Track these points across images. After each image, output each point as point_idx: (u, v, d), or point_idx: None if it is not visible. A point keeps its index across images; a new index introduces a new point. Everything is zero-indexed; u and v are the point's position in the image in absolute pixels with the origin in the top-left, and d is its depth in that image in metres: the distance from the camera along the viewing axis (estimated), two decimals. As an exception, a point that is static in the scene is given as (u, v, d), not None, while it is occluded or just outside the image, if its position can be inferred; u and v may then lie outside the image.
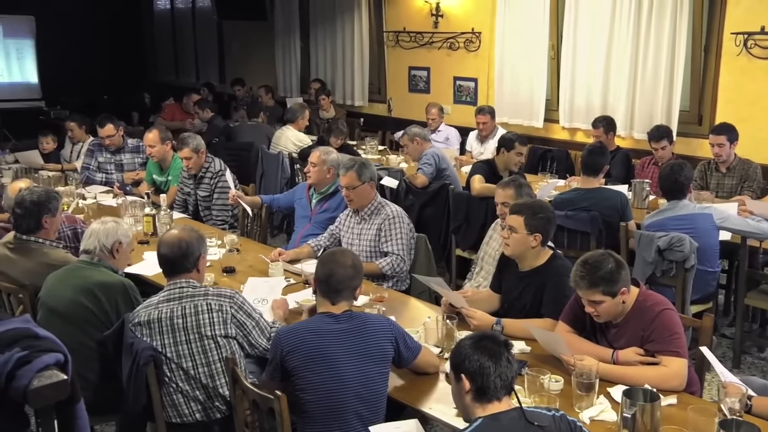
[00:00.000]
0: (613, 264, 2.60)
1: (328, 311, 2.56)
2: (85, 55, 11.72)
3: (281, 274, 3.75)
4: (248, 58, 10.88)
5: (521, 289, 3.16)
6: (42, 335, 1.68)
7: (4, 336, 1.65)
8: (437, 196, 5.35)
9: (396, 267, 3.84)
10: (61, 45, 11.39)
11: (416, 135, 5.74)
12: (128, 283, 3.10)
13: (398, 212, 3.95)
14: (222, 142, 7.54)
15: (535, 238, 3.07)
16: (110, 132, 5.83)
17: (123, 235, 3.20)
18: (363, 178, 3.92)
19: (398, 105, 8.48)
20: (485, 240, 3.94)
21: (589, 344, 2.74)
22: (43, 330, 1.73)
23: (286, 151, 6.72)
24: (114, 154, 5.93)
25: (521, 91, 7.11)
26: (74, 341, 2.45)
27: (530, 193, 3.69)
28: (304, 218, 4.54)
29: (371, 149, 7.13)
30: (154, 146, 5.32)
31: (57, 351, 1.65)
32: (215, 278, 3.65)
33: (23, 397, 1.59)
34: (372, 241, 3.93)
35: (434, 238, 4.92)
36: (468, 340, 2.08)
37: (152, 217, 4.48)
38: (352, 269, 2.61)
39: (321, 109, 8.45)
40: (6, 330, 1.67)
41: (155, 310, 2.75)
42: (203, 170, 5.02)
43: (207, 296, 2.77)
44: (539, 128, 7.05)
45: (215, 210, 5.00)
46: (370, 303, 3.32)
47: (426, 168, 5.51)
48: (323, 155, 4.44)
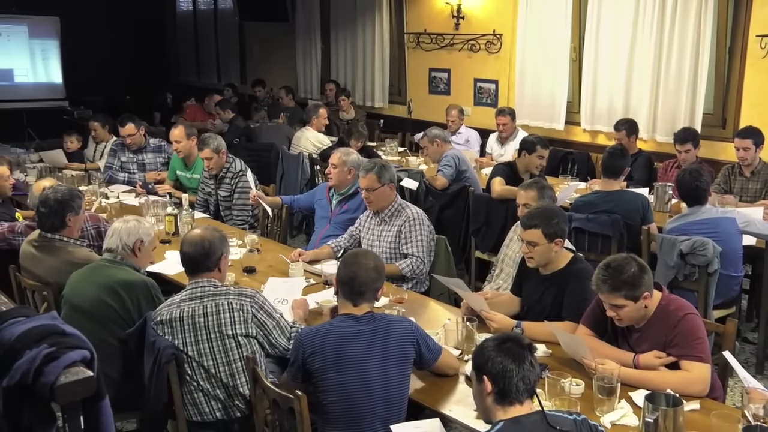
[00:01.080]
0: (636, 268, 2.58)
1: (350, 313, 2.57)
2: (108, 56, 11.86)
3: (301, 274, 3.77)
4: (269, 59, 10.94)
5: (541, 292, 3.15)
6: (69, 332, 1.70)
7: (32, 332, 1.67)
8: (457, 198, 5.35)
9: (416, 269, 3.84)
10: (84, 46, 11.53)
11: (436, 137, 5.74)
12: (150, 282, 3.13)
13: (418, 214, 3.95)
14: (243, 143, 7.59)
15: (556, 243, 3.07)
16: (131, 131, 5.89)
17: (144, 234, 3.23)
18: (383, 180, 3.93)
19: (418, 107, 8.48)
20: (505, 242, 3.93)
21: (611, 348, 2.72)
22: (69, 327, 1.75)
23: (306, 152, 6.75)
24: (136, 153, 5.99)
25: (542, 93, 7.08)
26: (97, 339, 2.47)
27: (552, 195, 3.68)
28: (324, 219, 4.56)
29: (391, 151, 7.14)
30: (180, 141, 5.37)
31: (83, 348, 1.67)
32: (236, 278, 3.68)
33: (50, 393, 1.61)
34: (392, 243, 3.94)
35: (454, 240, 4.91)
36: (492, 342, 2.07)
37: (174, 216, 4.52)
38: (375, 271, 2.62)
39: (341, 110, 8.47)
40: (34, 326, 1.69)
41: (177, 309, 2.77)
42: (224, 170, 5.05)
43: (228, 296, 2.79)
44: (560, 130, 7.01)
45: (236, 210, 5.03)
46: (390, 304, 3.32)
47: (446, 170, 5.50)
48: (344, 156, 4.46)
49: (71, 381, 1.61)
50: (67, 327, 1.75)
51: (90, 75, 11.49)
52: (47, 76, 11.87)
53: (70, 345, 1.67)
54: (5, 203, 4.59)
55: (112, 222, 3.31)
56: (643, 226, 4.24)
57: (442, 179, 5.47)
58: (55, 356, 1.62)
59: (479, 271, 5.15)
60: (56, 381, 1.60)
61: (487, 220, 5.03)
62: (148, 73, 12.34)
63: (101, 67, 11.68)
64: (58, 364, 1.61)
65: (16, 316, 1.79)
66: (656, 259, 4.02)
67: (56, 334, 1.69)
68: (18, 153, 6.93)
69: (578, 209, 4.46)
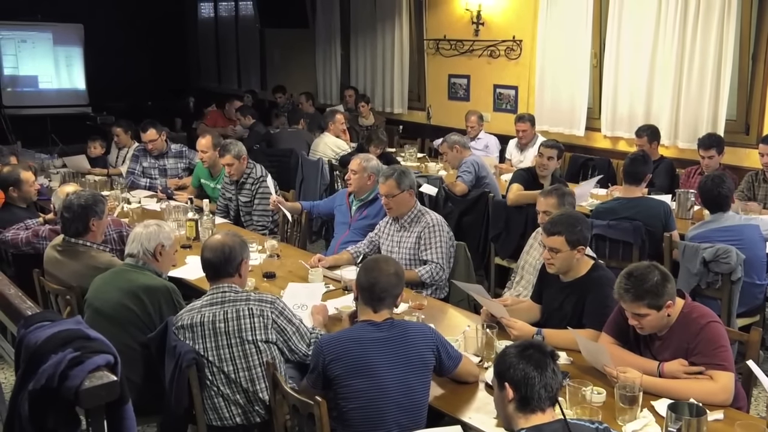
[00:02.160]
0: (658, 276, 2.56)
1: (370, 319, 2.57)
2: (130, 62, 12.00)
3: (321, 280, 3.78)
4: (289, 66, 11.00)
5: (562, 299, 3.13)
6: (93, 336, 1.72)
7: (58, 336, 1.69)
8: (476, 204, 5.34)
9: (435, 275, 3.84)
10: (107, 52, 11.68)
11: (456, 143, 5.74)
12: (171, 287, 3.16)
13: (438, 220, 3.95)
14: (263, 149, 7.62)
15: (578, 251, 3.05)
16: (153, 137, 5.94)
17: (165, 238, 3.26)
18: (402, 186, 3.93)
19: (437, 113, 8.48)
20: (525, 249, 3.91)
21: (633, 356, 2.70)
22: (93, 331, 1.77)
23: (325, 158, 6.77)
24: (157, 159, 6.04)
25: (562, 99, 7.05)
26: (119, 342, 2.48)
27: (573, 202, 3.66)
28: (343, 225, 4.57)
29: (410, 157, 7.14)
30: (206, 152, 5.40)
31: (107, 352, 1.69)
32: (256, 283, 3.70)
33: (75, 397, 1.62)
34: (411, 249, 3.94)
35: (473, 247, 4.90)
36: (514, 348, 2.07)
37: (195, 221, 4.55)
38: (395, 277, 2.62)
39: (360, 116, 8.49)
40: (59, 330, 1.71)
41: (198, 314, 2.79)
42: (245, 176, 5.09)
43: (248, 301, 2.80)
44: (580, 137, 6.97)
45: (256, 215, 5.06)
46: (409, 311, 3.32)
47: (465, 176, 5.50)
48: (364, 162, 4.47)
49: (96, 385, 1.63)
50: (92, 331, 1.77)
51: (112, 81, 11.64)
52: (71, 82, 12.04)
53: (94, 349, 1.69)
54: (29, 208, 4.66)
55: (134, 226, 3.34)
56: (665, 234, 4.20)
57: (462, 185, 5.47)
58: (80, 360, 1.64)
59: (499, 277, 5.13)
60: (81, 385, 1.62)
61: (506, 227, 5.01)
62: (169, 79, 12.47)
63: (123, 73, 11.82)
64: (83, 369, 1.63)
65: (42, 321, 1.81)
66: (678, 266, 3.98)
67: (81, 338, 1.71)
68: (42, 158, 7.03)
69: (599, 216, 4.44)
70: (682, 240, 4.12)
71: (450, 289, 3.96)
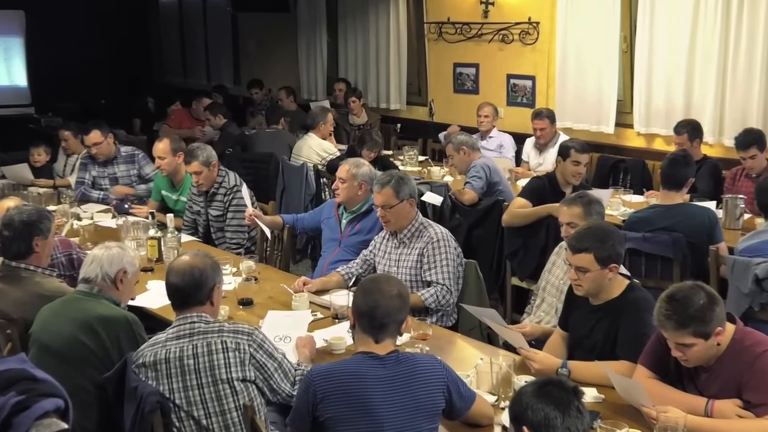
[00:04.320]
0: (705, 299, 2.56)
1: (371, 351, 2.56)
2: (80, 55, 11.98)
3: (307, 307, 3.78)
4: (267, 57, 11.04)
5: (592, 325, 3.14)
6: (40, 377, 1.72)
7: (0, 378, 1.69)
8: (488, 215, 5.35)
9: (441, 299, 3.84)
10: (53, 43, 11.66)
11: (463, 144, 5.75)
12: (132, 318, 3.15)
13: (443, 234, 3.96)
14: (237, 153, 7.64)
15: (610, 269, 3.06)
16: (97, 139, 5.88)
17: (129, 263, 3.26)
18: (401, 195, 3.94)
19: (442, 108, 8.51)
20: (547, 267, 3.92)
21: (675, 392, 2.70)
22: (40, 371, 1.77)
23: (310, 163, 6.79)
24: (105, 166, 6.02)
25: (587, 90, 7.08)
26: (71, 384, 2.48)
27: (600, 210, 3.67)
28: (332, 241, 4.58)
29: (410, 160, 7.16)
30: (164, 158, 5.38)
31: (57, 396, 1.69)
32: (230, 312, 3.70)
33: (18, 449, 1.62)
34: (413, 269, 3.94)
35: (486, 265, 4.91)
36: (530, 387, 2.07)
37: (157, 240, 4.55)
38: (399, 300, 2.61)
39: (351, 113, 8.53)
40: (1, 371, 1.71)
41: (162, 349, 2.79)
42: (215, 186, 5.09)
43: (222, 333, 2.80)
44: (609, 134, 7.00)
45: (229, 232, 5.06)
46: (412, 341, 3.32)
47: (475, 182, 5.51)
48: (353, 168, 4.48)
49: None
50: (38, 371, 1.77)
51: (60, 77, 11.62)
52: (10, 78, 12.04)
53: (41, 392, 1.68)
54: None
55: (87, 248, 3.35)
56: (710, 247, 4.21)
57: (471, 193, 5.48)
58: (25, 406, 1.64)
59: (516, 301, 5.13)
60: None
61: (524, 242, 5.02)
62: (126, 74, 12.48)
63: (73, 68, 11.81)
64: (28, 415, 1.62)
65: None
66: (727, 285, 3.99)
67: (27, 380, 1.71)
68: (-24, 169, 7.03)
69: (633, 227, 4.45)
70: (731, 254, 4.13)
71: (459, 316, 3.96)
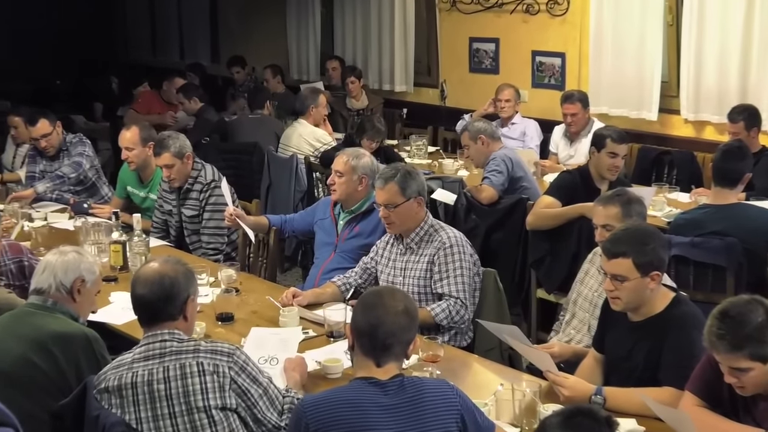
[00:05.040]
0: (764, 316, 2.56)
1: (372, 376, 2.56)
2: (33, 28, 11.97)
3: (297, 323, 3.79)
4: (251, 31, 11.02)
5: (631, 345, 3.14)
6: (-16, 404, 1.72)
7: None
8: (510, 216, 5.35)
9: (454, 315, 3.84)
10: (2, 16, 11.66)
11: (481, 132, 5.74)
12: (92, 335, 3.16)
13: (457, 239, 3.96)
14: (215, 143, 7.64)
15: (652, 278, 3.06)
16: (45, 130, 5.90)
17: (87, 271, 3.26)
18: (408, 193, 3.94)
19: (455, 90, 8.50)
20: (579, 277, 3.92)
21: (729, 424, 2.70)
22: (-15, 397, 1.77)
23: (301, 154, 6.79)
24: (53, 160, 6.03)
25: (626, 69, 7.07)
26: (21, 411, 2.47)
27: (642, 211, 3.68)
28: (327, 246, 4.58)
29: (418, 151, 7.15)
30: (132, 149, 5.39)
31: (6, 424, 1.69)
32: (207, 329, 3.70)
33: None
34: (421, 279, 3.94)
35: (507, 274, 4.90)
36: (557, 417, 2.08)
37: (122, 245, 4.55)
38: (406, 316, 2.62)
39: (349, 96, 8.53)
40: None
41: (128, 372, 2.79)
42: (190, 181, 5.10)
43: (198, 353, 2.80)
44: (652, 121, 6.99)
45: (206, 235, 5.07)
46: (420, 364, 3.32)
47: (494, 177, 5.51)
48: (352, 160, 4.48)
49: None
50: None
51: (7, 55, 11.63)
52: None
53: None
54: None
55: (40, 254, 3.35)
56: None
57: (490, 190, 5.48)
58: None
59: (543, 316, 5.14)
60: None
61: (552, 247, 5.01)
62: (86, 51, 12.46)
63: (23, 43, 11.80)
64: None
65: None
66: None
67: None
68: None
69: (680, 230, 4.45)
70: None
71: (475, 334, 3.96)
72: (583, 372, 3.30)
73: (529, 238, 5.17)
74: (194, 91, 8.64)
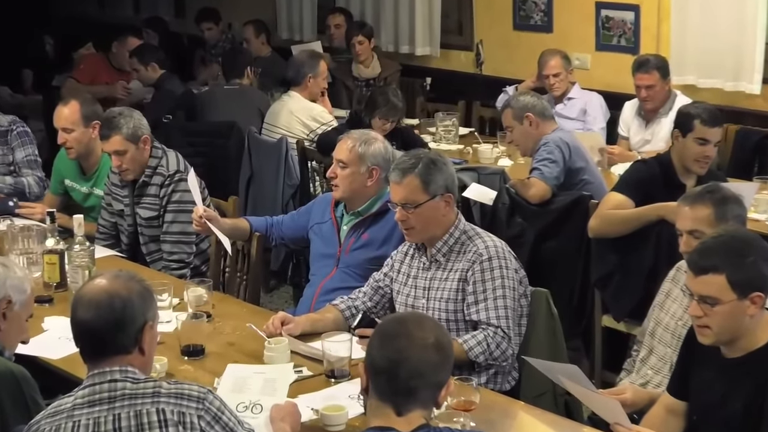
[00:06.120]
0: None
1: (390, 426, 2.57)
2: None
3: (287, 359, 3.79)
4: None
5: (726, 389, 3.14)
6: None
7: None
8: (567, 219, 5.36)
9: (494, 349, 3.84)
10: None
11: (528, 108, 5.74)
12: (20, 373, 3.17)
13: (497, 249, 3.96)
14: (180, 122, 7.65)
15: (753, 301, 3.06)
16: None
17: (15, 289, 3.28)
18: (433, 189, 3.94)
19: (494, 54, 8.52)
20: (657, 300, 3.92)
21: None
22: None
23: (292, 137, 6.80)
24: None
25: (720, 29, 7.07)
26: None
27: (740, 213, 3.68)
28: (326, 259, 4.60)
29: (446, 134, 7.16)
30: (70, 130, 5.42)
31: None
32: (170, 365, 3.70)
33: None
34: (450, 302, 3.95)
35: (563, 296, 4.93)
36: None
37: (58, 255, 4.57)
38: (437, 352, 2.61)
39: (356, 61, 8.55)
40: None
41: (68, 422, 2.80)
42: (147, 173, 5.12)
43: (158, 398, 2.81)
44: (755, 96, 6.98)
45: (168, 243, 5.09)
46: (449, 413, 3.32)
47: (547, 168, 5.50)
48: (360, 146, 4.50)
49: None
50: None
51: None
52: None
53: None
54: None
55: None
56: None
57: (541, 185, 5.47)
58: None
59: (610, 351, 5.14)
60: None
61: (623, 260, 5.01)
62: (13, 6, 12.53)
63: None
64: None
65: None
66: None
67: None
68: None
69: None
70: None
71: (521, 375, 3.97)
72: (651, 423, 3.30)
73: (593, 248, 5.16)
74: (153, 54, 8.64)
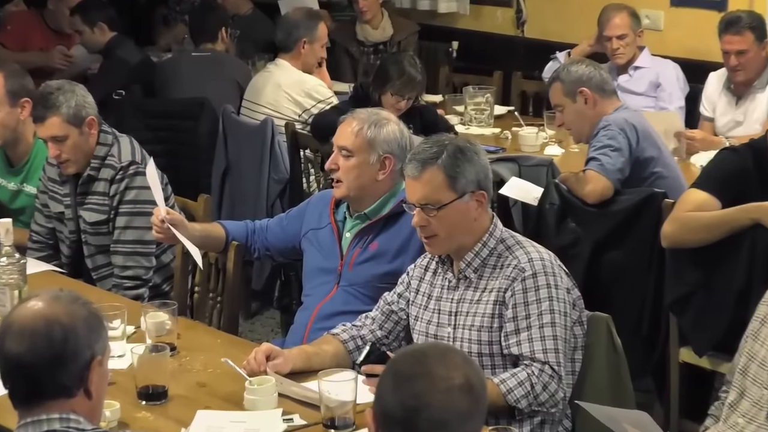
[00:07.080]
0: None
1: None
2: None
3: (273, 403, 3.81)
4: None
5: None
6: None
7: None
8: (635, 224, 5.38)
9: (539, 391, 3.84)
10: None
11: (584, 81, 5.76)
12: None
13: (543, 263, 3.97)
14: (137, 99, 7.68)
15: None
16: None
17: None
18: (461, 185, 3.95)
19: (540, 11, 8.55)
20: (751, 329, 3.91)
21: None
22: None
23: (281, 119, 6.83)
24: None
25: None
26: None
27: None
28: (324, 274, 4.63)
29: (478, 114, 7.18)
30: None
31: None
32: (124, 412, 3.72)
33: None
34: (484, 331, 3.96)
35: (629, 322, 4.97)
36: None
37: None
38: (466, 395, 2.61)
39: (361, 21, 8.58)
40: None
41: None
42: (94, 164, 5.15)
43: (108, 454, 2.83)
44: None
45: (121, 255, 5.12)
46: (482, 474, 3.33)
47: (607, 158, 5.52)
48: (368, 129, 4.53)
49: None
50: None
51: None
52: None
53: None
54: None
55: None
56: None
57: (600, 180, 5.48)
58: None
59: (690, 394, 5.14)
60: None
61: (706, 277, 5.01)
62: None
63: None
64: None
65: None
66: None
67: None
68: None
69: None
70: None
71: (575, 424, 3.98)
72: None
73: (667, 261, 5.17)
74: (100, 11, 8.68)
